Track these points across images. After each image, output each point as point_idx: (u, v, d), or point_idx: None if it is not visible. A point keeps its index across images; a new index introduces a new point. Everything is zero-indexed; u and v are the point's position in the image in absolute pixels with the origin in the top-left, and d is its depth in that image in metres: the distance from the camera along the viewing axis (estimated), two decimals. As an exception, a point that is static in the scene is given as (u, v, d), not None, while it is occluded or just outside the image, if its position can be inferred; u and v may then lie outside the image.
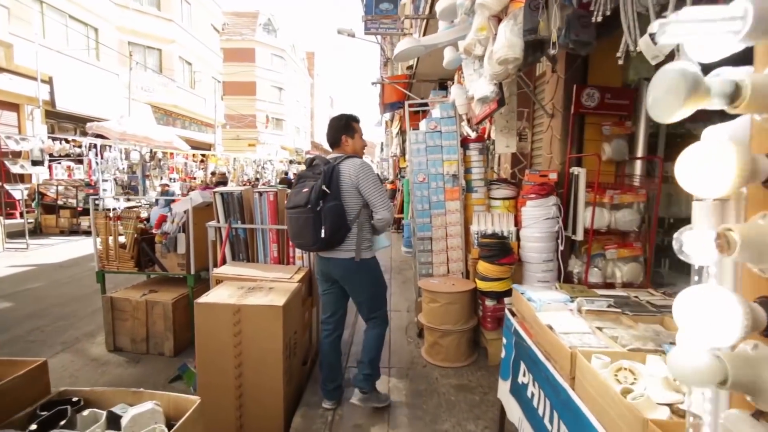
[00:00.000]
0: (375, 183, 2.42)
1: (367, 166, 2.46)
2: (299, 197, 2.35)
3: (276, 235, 3.34)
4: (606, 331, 1.39)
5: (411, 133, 3.56)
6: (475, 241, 3.49)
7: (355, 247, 2.43)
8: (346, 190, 2.39)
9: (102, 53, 15.72)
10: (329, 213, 2.31)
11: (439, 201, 3.61)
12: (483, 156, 3.68)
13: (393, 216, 2.58)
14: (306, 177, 2.46)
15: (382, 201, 2.43)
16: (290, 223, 2.47)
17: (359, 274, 2.49)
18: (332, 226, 2.32)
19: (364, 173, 2.40)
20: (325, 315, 2.73)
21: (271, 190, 3.34)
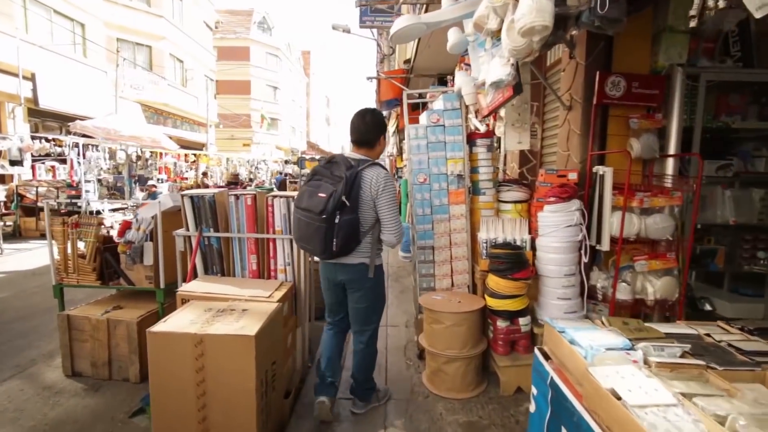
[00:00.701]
0: (392, 201, 2.23)
1: (391, 179, 2.26)
2: (314, 201, 2.13)
3: (255, 245, 2.90)
4: (699, 402, 0.96)
5: (410, 127, 3.12)
6: (483, 250, 3.05)
7: (369, 256, 2.29)
8: (364, 201, 2.20)
9: (89, 50, 15.21)
10: (345, 226, 2.13)
11: (442, 205, 3.17)
12: (492, 154, 3.24)
13: (400, 240, 2.35)
14: (323, 176, 2.22)
15: (394, 223, 2.25)
16: (298, 225, 2.26)
17: (368, 281, 2.34)
18: (345, 240, 2.15)
19: (385, 188, 2.20)
20: (333, 318, 2.60)
21: (249, 193, 2.89)
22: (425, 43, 6.25)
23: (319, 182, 2.20)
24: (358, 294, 2.38)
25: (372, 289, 2.38)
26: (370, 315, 2.45)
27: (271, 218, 2.83)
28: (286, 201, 2.82)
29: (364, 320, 2.44)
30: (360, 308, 2.41)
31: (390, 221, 2.23)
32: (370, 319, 2.46)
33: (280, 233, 2.84)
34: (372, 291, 2.39)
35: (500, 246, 2.81)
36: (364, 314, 2.43)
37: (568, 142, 3.33)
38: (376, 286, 2.42)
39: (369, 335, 2.47)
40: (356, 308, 2.42)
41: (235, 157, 19.91)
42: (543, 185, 3.06)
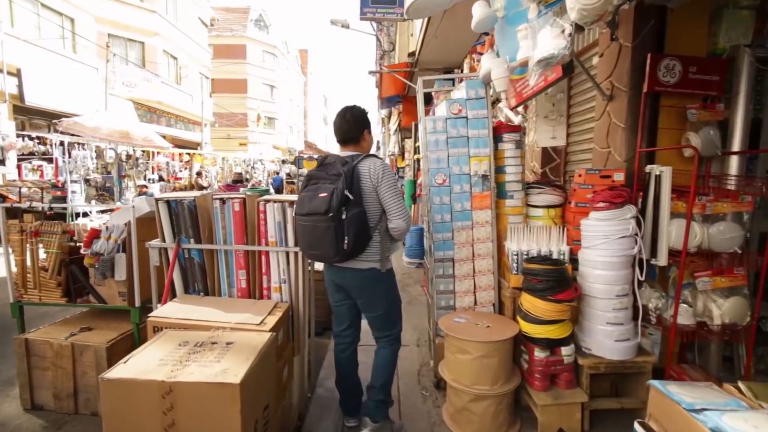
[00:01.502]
0: (394, 187, 2.14)
1: (388, 167, 2.18)
2: (316, 203, 2.03)
3: (244, 258, 2.44)
4: None
5: (427, 120, 2.67)
6: (513, 264, 2.60)
7: (380, 257, 2.16)
8: (367, 193, 2.11)
9: (80, 45, 14.70)
10: (353, 221, 2.02)
11: (464, 210, 2.72)
12: (520, 151, 2.79)
13: (410, 225, 2.21)
14: (319, 178, 2.14)
15: (399, 208, 2.13)
16: (303, 232, 2.13)
17: (381, 285, 2.22)
18: (356, 236, 2.04)
19: (385, 176, 2.12)
20: (340, 327, 2.44)
21: (237, 196, 2.43)
22: (432, 33, 5.80)
23: (316, 185, 2.12)
24: (373, 301, 2.26)
25: (385, 292, 2.27)
26: (389, 319, 2.33)
27: (263, 227, 2.38)
28: (281, 206, 2.36)
29: (386, 326, 2.33)
30: (379, 315, 2.29)
31: (395, 206, 2.12)
32: (390, 324, 2.34)
33: (274, 245, 2.39)
34: (385, 294, 2.27)
35: (537, 260, 2.36)
36: (385, 320, 2.31)
37: (608, 137, 2.88)
38: (390, 288, 2.31)
39: (393, 339, 2.37)
40: (374, 316, 2.31)
41: (231, 156, 19.41)
42: (583, 187, 2.62)
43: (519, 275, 2.57)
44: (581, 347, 2.38)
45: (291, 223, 2.36)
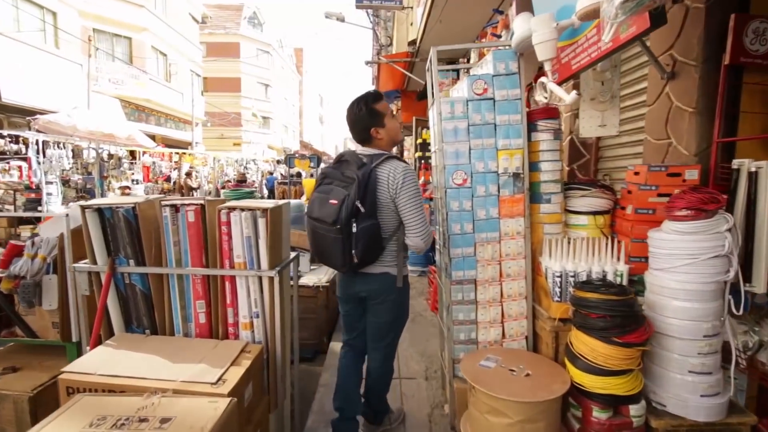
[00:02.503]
0: (415, 198, 1.89)
1: (412, 172, 1.92)
2: (325, 210, 1.85)
3: (204, 286, 1.84)
4: None
5: (443, 102, 2.07)
6: (554, 288, 2.01)
7: (395, 264, 2.01)
8: (383, 204, 1.90)
9: (63, 41, 14.03)
10: (363, 235, 1.83)
11: (489, 218, 2.13)
12: (559, 142, 2.21)
13: (429, 244, 1.97)
14: (333, 179, 1.94)
15: (419, 224, 1.90)
16: (314, 237, 1.97)
17: (393, 293, 2.04)
18: (365, 250, 1.86)
19: (406, 184, 1.87)
20: (348, 336, 2.27)
21: (193, 203, 1.83)
22: (436, 16, 5.21)
23: (329, 186, 1.92)
24: (381, 307, 2.06)
25: (396, 303, 2.08)
26: (387, 331, 2.12)
27: (227, 243, 1.78)
28: (251, 216, 1.76)
29: (380, 336, 2.13)
30: (379, 323, 2.11)
31: (414, 222, 1.89)
32: (386, 335, 2.13)
33: (242, 267, 1.79)
34: (396, 305, 2.08)
35: (594, 287, 1.76)
36: (382, 330, 2.12)
37: (668, 125, 2.30)
38: (401, 299, 2.11)
39: (386, 354, 2.17)
40: (375, 322, 2.12)
41: (224, 156, 18.74)
42: (644, 188, 2.03)
43: (564, 304, 1.98)
44: (651, 401, 1.79)
45: (265, 239, 1.76)
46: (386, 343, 2.15)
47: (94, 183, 10.44)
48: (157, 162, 13.12)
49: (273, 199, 10.82)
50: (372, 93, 2.01)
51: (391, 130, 1.98)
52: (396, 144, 2.12)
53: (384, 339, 2.14)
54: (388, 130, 1.97)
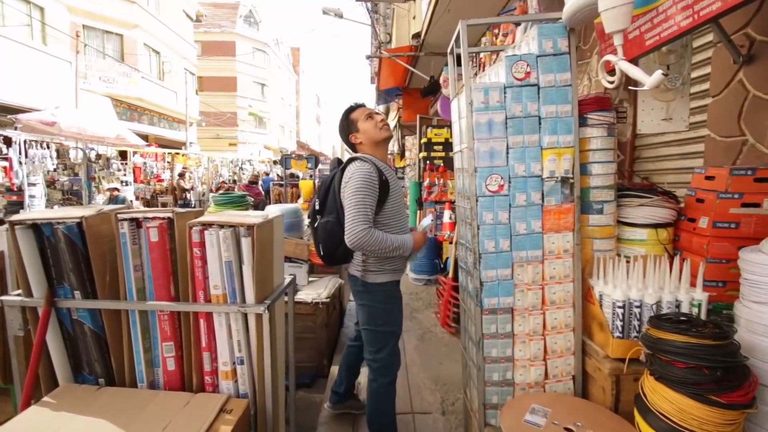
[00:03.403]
0: (352, 194, 1.78)
1: (363, 170, 1.82)
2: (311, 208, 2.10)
3: (173, 324, 1.42)
4: None
5: (474, 90, 1.66)
6: (614, 320, 1.62)
7: (361, 267, 1.97)
8: (339, 201, 1.89)
9: (51, 37, 13.55)
10: (322, 230, 1.93)
11: (531, 233, 1.73)
12: (613, 139, 1.81)
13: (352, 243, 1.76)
14: (323, 182, 2.07)
15: (349, 220, 1.77)
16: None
17: (362, 296, 2.01)
18: (326, 245, 1.93)
19: (351, 180, 1.82)
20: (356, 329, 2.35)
21: (159, 215, 1.42)
22: (444, 6, 4.81)
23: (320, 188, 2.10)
24: (358, 309, 2.11)
25: (368, 309, 2.03)
26: (372, 341, 2.05)
27: (200, 270, 1.36)
28: (232, 234, 1.35)
29: (367, 345, 2.09)
30: (363, 329, 2.09)
31: (347, 214, 1.80)
32: (372, 346, 2.05)
33: (222, 301, 1.38)
34: (368, 310, 2.03)
35: (679, 325, 1.36)
36: (368, 338, 2.07)
37: (743, 118, 1.90)
38: (373, 307, 2.02)
39: (375, 367, 2.06)
40: (361, 328, 2.12)
41: (219, 156, 18.28)
42: (724, 197, 1.63)
43: (629, 341, 1.58)
44: (747, 471, 1.39)
45: (250, 264, 1.35)
46: (372, 354, 2.05)
47: (81, 184, 9.99)
48: (149, 162, 12.65)
49: (269, 201, 10.35)
50: (350, 106, 2.09)
51: (366, 131, 2.00)
52: (379, 141, 2.02)
53: (369, 347, 2.08)
54: (364, 132, 2.00)
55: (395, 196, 1.94)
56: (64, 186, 9.99)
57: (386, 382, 2.04)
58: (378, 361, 2.03)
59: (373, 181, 1.80)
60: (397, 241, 1.83)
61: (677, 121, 1.78)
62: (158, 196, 12.80)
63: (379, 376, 2.05)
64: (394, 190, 1.93)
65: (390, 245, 1.80)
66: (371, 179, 1.80)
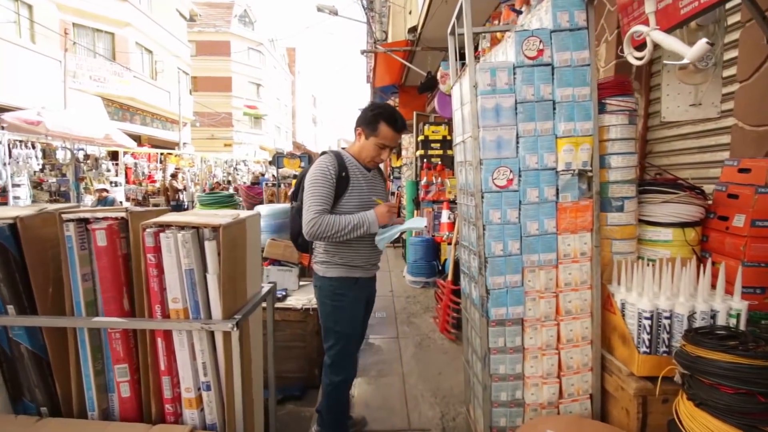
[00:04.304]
0: (308, 185, 1.80)
1: (317, 165, 1.85)
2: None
3: (126, 343, 1.20)
4: None
5: (479, 71, 1.45)
6: (640, 333, 1.41)
7: (317, 260, 1.97)
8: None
9: (40, 35, 13.28)
10: (292, 219, 2.04)
11: (544, 234, 1.52)
12: (634, 128, 1.61)
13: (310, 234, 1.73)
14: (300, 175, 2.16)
15: (305, 209, 1.77)
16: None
17: (318, 290, 1.99)
18: (291, 231, 2.06)
19: (312, 173, 1.84)
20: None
21: (109, 215, 1.20)
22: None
23: None
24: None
25: (319, 304, 2.01)
26: (324, 336, 2.00)
27: (156, 280, 1.15)
28: (193, 238, 1.13)
29: (324, 337, 2.01)
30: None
31: (305, 205, 1.78)
32: (325, 341, 1.99)
33: (184, 316, 1.16)
34: (319, 306, 2.01)
35: (724, 341, 1.15)
36: (324, 331, 2.01)
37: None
38: (322, 303, 1.97)
39: (326, 363, 2.00)
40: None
41: (213, 157, 18.02)
42: (766, 192, 1.43)
43: (657, 357, 1.38)
44: None
45: (216, 273, 1.14)
46: (326, 350, 2.00)
47: (69, 185, 9.75)
48: (139, 163, 12.39)
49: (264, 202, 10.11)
50: (392, 110, 1.89)
51: (364, 147, 1.88)
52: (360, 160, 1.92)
53: (323, 341, 2.03)
54: (364, 145, 1.88)
55: (357, 193, 1.86)
56: (51, 187, 9.74)
57: (336, 381, 1.98)
58: (329, 358, 1.98)
59: (327, 174, 1.78)
60: (354, 219, 1.74)
61: (707, 107, 1.58)
62: (150, 197, 12.56)
63: (329, 373, 2.00)
64: (355, 186, 1.85)
65: (346, 225, 1.73)
66: (326, 172, 1.79)
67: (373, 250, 1.95)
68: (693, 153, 2.43)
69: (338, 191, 1.80)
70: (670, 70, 1.59)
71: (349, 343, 1.96)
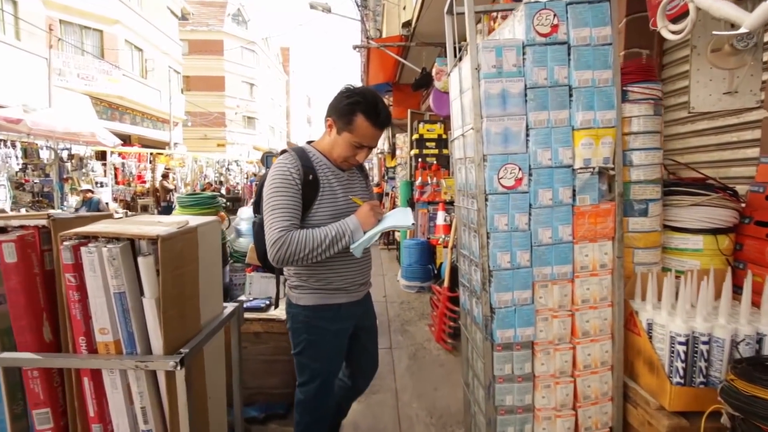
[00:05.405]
0: (267, 196, 1.43)
1: (275, 169, 1.47)
2: None
3: (46, 382, 0.96)
4: None
5: (482, 50, 1.23)
6: (673, 360, 1.20)
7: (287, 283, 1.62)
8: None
9: (25, 32, 12.94)
10: (255, 233, 1.63)
11: (558, 243, 1.30)
12: (660, 120, 1.40)
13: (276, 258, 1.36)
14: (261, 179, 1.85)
15: (266, 228, 1.41)
16: None
17: (289, 320, 1.63)
18: (258, 250, 1.60)
19: (269, 179, 1.46)
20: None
21: (26, 223, 0.96)
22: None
23: None
24: None
25: (293, 334, 1.61)
26: (296, 369, 1.63)
27: (79, 306, 0.91)
28: (125, 251, 0.89)
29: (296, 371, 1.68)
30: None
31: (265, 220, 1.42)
32: (298, 376, 1.63)
33: (114, 351, 0.92)
34: (293, 336, 1.61)
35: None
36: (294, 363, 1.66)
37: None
38: (294, 332, 1.60)
39: (296, 400, 1.65)
40: None
41: (204, 157, 17.72)
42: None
43: (695, 389, 1.16)
44: None
45: (154, 297, 0.90)
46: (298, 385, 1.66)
47: (52, 186, 9.45)
48: (127, 163, 12.10)
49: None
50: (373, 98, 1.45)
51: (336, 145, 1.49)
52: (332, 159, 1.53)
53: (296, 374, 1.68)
54: (334, 142, 1.49)
55: (330, 199, 1.49)
56: (34, 188, 9.44)
57: (307, 421, 1.66)
58: (302, 394, 1.63)
59: (289, 180, 1.42)
60: (332, 231, 1.39)
61: (744, 95, 1.37)
62: (139, 198, 12.26)
63: (300, 411, 1.66)
64: (327, 191, 1.49)
65: (323, 240, 1.37)
66: (287, 177, 1.42)
67: (359, 266, 1.58)
68: (711, 150, 2.22)
69: (306, 199, 1.44)
70: (701, 53, 1.37)
71: (327, 380, 1.63)
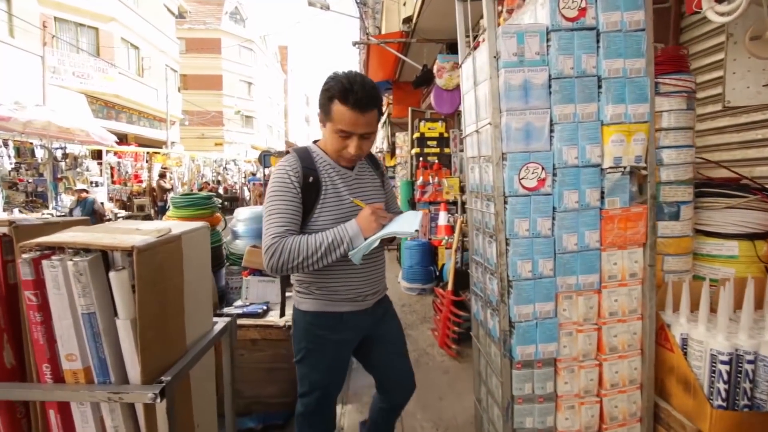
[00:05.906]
0: (268, 199, 1.38)
1: (274, 172, 1.42)
2: None
3: (10, 415, 0.83)
4: None
5: (503, 36, 1.10)
6: (716, 382, 1.07)
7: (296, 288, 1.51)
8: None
9: (19, 29, 12.78)
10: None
11: (584, 250, 1.17)
12: (693, 114, 1.27)
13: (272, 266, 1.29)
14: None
15: (263, 234, 1.35)
16: None
17: (293, 326, 1.56)
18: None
19: (269, 183, 1.42)
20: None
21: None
22: (439, -17, 4.27)
23: None
24: None
25: (295, 341, 1.54)
26: (298, 377, 1.54)
27: (40, 329, 0.78)
28: (96, 264, 0.77)
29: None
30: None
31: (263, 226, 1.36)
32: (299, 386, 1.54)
33: (85, 380, 0.79)
34: (295, 343, 1.53)
35: None
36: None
37: None
38: (297, 341, 1.52)
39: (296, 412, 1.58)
40: None
41: (201, 156, 17.57)
42: None
43: (737, 412, 1.04)
44: None
45: (129, 318, 0.77)
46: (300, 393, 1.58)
47: (46, 185, 9.31)
48: (123, 162, 11.94)
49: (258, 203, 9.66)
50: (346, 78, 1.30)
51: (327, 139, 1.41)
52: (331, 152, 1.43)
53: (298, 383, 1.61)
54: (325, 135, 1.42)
55: (334, 201, 1.40)
56: (27, 187, 9.29)
57: (299, 413, 1.58)
58: (302, 405, 1.56)
59: (287, 183, 1.35)
60: (328, 237, 1.30)
61: (788, 86, 1.25)
62: (135, 198, 12.11)
63: (298, 423, 1.58)
64: (330, 193, 1.40)
65: (318, 247, 1.29)
66: (285, 181, 1.36)
67: (366, 274, 1.45)
68: (734, 149, 2.11)
69: (306, 203, 1.35)
70: (738, 41, 1.26)
71: (327, 393, 1.55)
